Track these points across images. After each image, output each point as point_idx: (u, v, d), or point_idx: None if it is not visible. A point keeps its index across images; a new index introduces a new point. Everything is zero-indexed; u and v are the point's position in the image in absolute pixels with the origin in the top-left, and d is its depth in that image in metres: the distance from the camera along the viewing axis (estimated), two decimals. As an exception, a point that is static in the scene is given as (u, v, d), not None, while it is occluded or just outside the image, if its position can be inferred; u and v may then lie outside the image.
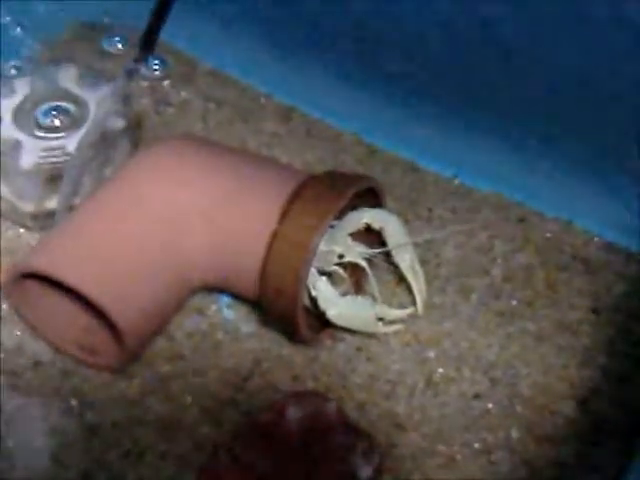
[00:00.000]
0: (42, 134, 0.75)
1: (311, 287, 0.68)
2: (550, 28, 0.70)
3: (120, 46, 0.90)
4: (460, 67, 0.78)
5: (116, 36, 0.90)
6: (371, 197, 0.71)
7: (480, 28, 0.73)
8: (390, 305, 0.73)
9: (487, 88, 0.77)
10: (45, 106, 0.76)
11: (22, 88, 0.77)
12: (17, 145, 0.74)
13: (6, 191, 0.74)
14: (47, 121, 0.75)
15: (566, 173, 0.78)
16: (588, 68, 0.70)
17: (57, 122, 0.75)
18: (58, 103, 0.76)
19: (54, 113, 0.75)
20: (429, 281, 0.75)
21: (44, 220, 0.75)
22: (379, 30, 0.80)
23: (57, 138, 0.75)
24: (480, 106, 0.79)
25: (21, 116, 0.76)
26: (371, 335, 0.72)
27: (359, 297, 0.70)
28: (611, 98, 0.71)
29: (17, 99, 0.77)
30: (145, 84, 0.87)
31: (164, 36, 0.75)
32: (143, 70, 0.86)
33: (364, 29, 0.81)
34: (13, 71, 0.78)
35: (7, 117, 0.75)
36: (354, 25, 0.81)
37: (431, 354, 0.72)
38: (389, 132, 0.85)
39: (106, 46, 0.90)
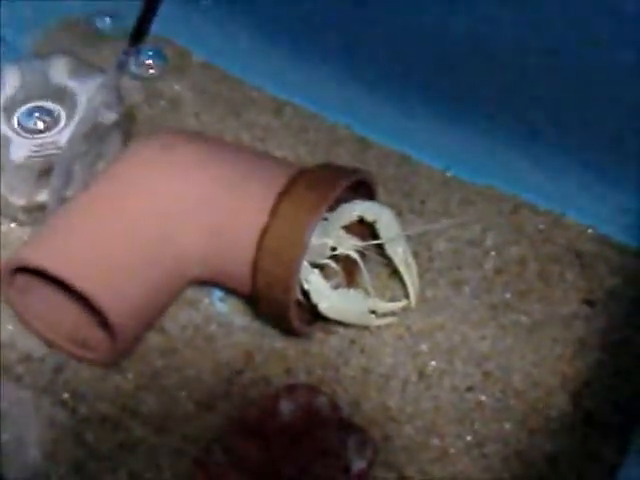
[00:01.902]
0: (26, 134, 0.74)
1: (303, 280, 0.67)
2: (546, 24, 0.70)
3: (111, 38, 0.89)
4: (454, 61, 0.77)
5: (107, 28, 0.90)
6: (364, 190, 0.71)
7: (476, 23, 0.73)
8: (383, 298, 0.73)
9: (480, 81, 0.77)
10: (26, 107, 0.76)
11: (13, 81, 0.77)
12: (8, 138, 0.73)
13: (-2, 185, 0.74)
14: (30, 123, 0.75)
15: (559, 165, 0.78)
16: (583, 61, 0.70)
17: (40, 124, 0.74)
18: (40, 103, 0.76)
19: (37, 115, 0.75)
20: (422, 274, 0.75)
21: (36, 214, 0.75)
22: (372, 24, 0.80)
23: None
24: (473, 99, 0.79)
25: (12, 108, 0.75)
26: (364, 328, 0.72)
27: (352, 290, 0.70)
28: (606, 90, 0.71)
29: (8, 92, 0.76)
30: (137, 77, 0.87)
31: (156, 29, 0.75)
32: (135, 62, 0.86)
33: (357, 23, 0.81)
34: (4, 63, 0.78)
35: (-2, 109, 0.75)
36: (347, 19, 0.81)
37: (424, 347, 0.72)
38: (382, 125, 0.85)
39: (97, 38, 0.89)
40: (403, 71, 0.81)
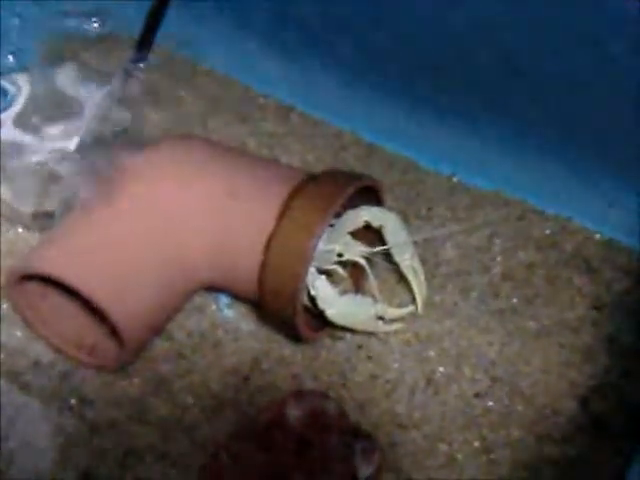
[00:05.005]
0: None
1: (310, 286, 0.67)
2: (550, 30, 0.70)
3: (118, 46, 0.89)
4: (459, 66, 0.77)
5: (114, 36, 0.90)
6: (370, 196, 0.71)
7: (480, 28, 0.73)
8: (390, 304, 0.73)
9: (486, 87, 0.77)
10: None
11: (23, 89, 0.77)
12: (17, 146, 0.74)
13: (6, 192, 0.74)
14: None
15: (566, 170, 0.78)
16: (588, 67, 0.70)
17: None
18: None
19: None
20: (429, 279, 0.75)
21: (44, 221, 0.75)
22: (378, 30, 0.80)
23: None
24: (479, 105, 0.79)
25: (22, 117, 0.76)
26: (371, 334, 0.72)
27: (359, 296, 0.70)
28: (610, 97, 0.71)
29: (20, 100, 0.77)
30: (144, 84, 0.87)
31: (162, 36, 0.75)
32: (141, 70, 0.86)
33: (363, 29, 0.81)
34: (13, 71, 0.78)
35: (8, 118, 0.75)
36: (353, 25, 0.81)
37: (431, 353, 0.72)
38: (388, 131, 0.85)
39: (104, 46, 0.90)
40: (409, 77, 0.81)
